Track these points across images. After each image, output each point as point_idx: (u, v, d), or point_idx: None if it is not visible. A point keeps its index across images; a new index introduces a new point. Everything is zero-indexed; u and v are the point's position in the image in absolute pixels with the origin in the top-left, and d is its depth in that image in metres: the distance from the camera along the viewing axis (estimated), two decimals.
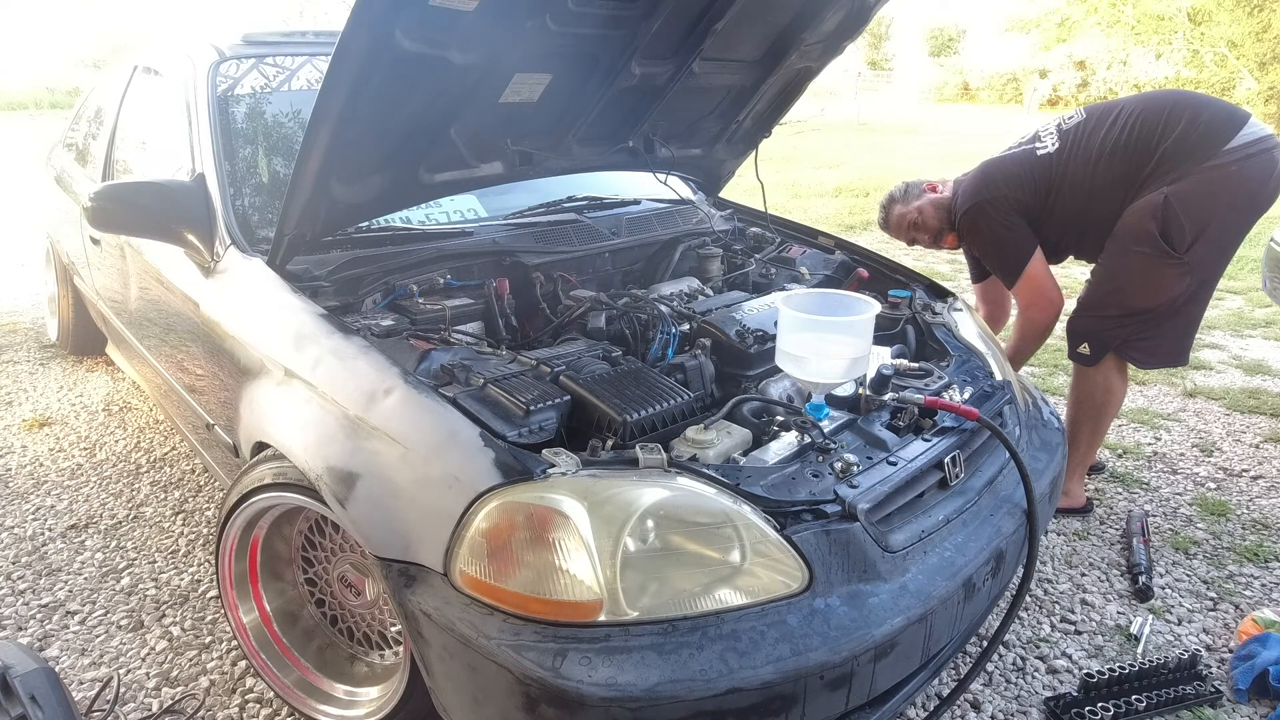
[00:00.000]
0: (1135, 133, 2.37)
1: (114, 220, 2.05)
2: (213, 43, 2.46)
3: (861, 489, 1.49)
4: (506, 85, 1.89)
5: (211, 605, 2.24)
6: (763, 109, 2.68)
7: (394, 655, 1.76)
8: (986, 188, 2.57)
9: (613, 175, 2.78)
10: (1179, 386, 3.77)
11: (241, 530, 1.81)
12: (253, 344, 1.85)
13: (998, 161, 2.62)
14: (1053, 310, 2.60)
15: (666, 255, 2.55)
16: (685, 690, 1.24)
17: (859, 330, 1.64)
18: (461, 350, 1.75)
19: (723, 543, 1.37)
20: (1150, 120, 2.36)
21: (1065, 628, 2.15)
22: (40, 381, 3.87)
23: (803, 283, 2.45)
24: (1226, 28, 18.47)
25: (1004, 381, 2.04)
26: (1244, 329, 4.65)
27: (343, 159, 1.73)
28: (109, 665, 2.03)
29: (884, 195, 2.94)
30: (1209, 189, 2.26)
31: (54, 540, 2.57)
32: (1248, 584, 2.33)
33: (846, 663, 1.32)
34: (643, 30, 1.99)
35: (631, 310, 2.03)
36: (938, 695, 1.91)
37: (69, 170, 3.65)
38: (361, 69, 1.54)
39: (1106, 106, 2.51)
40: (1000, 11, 27.24)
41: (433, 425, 1.45)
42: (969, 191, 2.62)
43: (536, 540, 1.32)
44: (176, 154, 2.36)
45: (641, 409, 1.58)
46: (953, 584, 1.50)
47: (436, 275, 2.07)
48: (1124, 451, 3.12)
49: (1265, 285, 3.63)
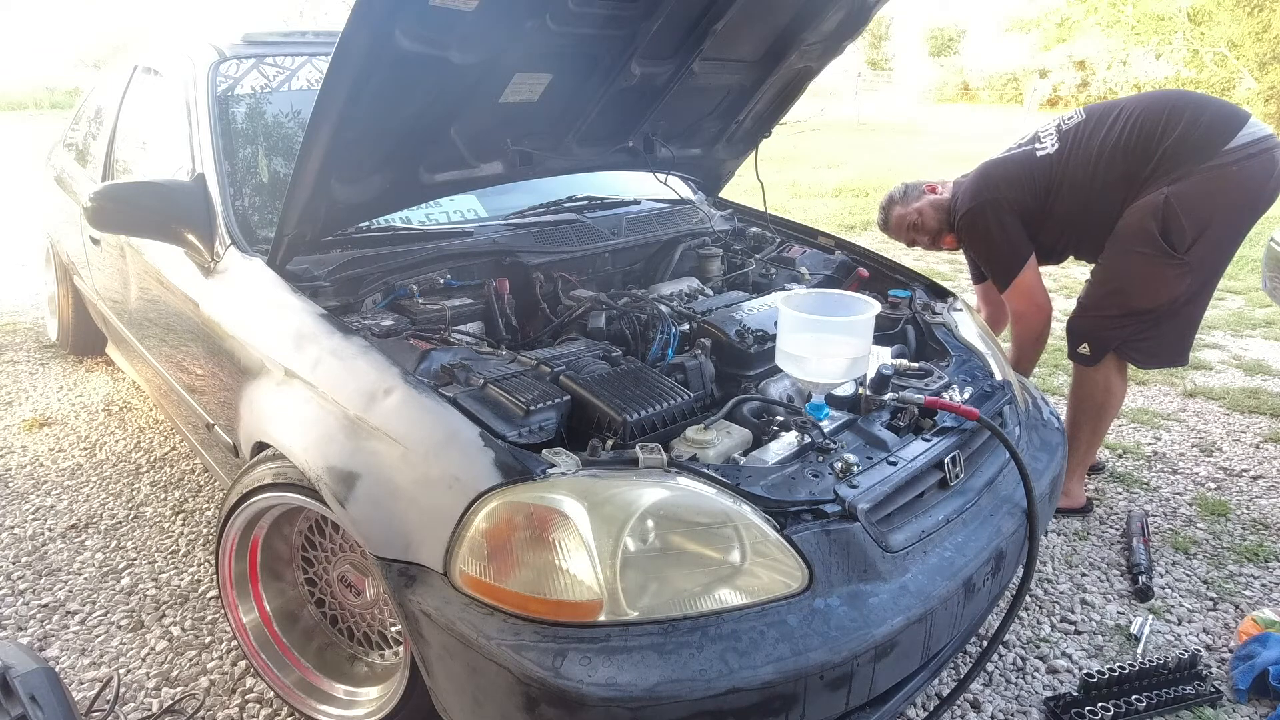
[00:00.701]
0: (1135, 133, 2.37)
1: (114, 220, 2.05)
2: (213, 43, 2.46)
3: (861, 489, 1.49)
4: (506, 85, 1.90)
5: (211, 605, 2.24)
6: (763, 109, 2.68)
7: (394, 655, 1.76)
8: (986, 190, 2.57)
9: (613, 175, 2.78)
10: (1179, 386, 3.77)
11: (241, 530, 1.81)
12: (253, 344, 1.85)
13: (997, 163, 2.62)
14: (1042, 317, 2.63)
15: (666, 255, 2.55)
16: (685, 690, 1.24)
17: (859, 330, 1.64)
18: (461, 350, 1.75)
19: (723, 543, 1.37)
20: (1150, 120, 2.35)
21: (1065, 628, 2.15)
22: (40, 381, 3.87)
23: (803, 283, 2.45)
24: (1226, 28, 18.47)
25: (1004, 381, 2.04)
26: (1244, 329, 4.65)
27: (343, 159, 1.73)
28: (109, 665, 2.03)
29: (883, 197, 2.94)
30: (1209, 189, 2.26)
31: (54, 540, 2.57)
32: (1248, 584, 2.33)
33: (846, 663, 1.32)
34: (643, 30, 1.99)
35: (631, 310, 2.02)
36: (938, 695, 1.91)
37: (69, 170, 3.65)
38: (361, 69, 1.54)
39: (1106, 107, 2.51)
40: (1000, 11, 27.25)
41: (433, 425, 1.45)
42: (968, 193, 2.62)
43: (536, 540, 1.32)
44: (176, 154, 2.36)
45: (641, 409, 1.58)
46: (953, 584, 1.50)
47: (436, 275, 2.07)
48: (1124, 451, 3.12)
49: (1265, 285, 3.63)
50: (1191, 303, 2.42)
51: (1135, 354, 2.50)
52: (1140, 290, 2.39)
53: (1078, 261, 2.75)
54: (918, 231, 2.83)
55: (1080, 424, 2.61)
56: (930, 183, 2.84)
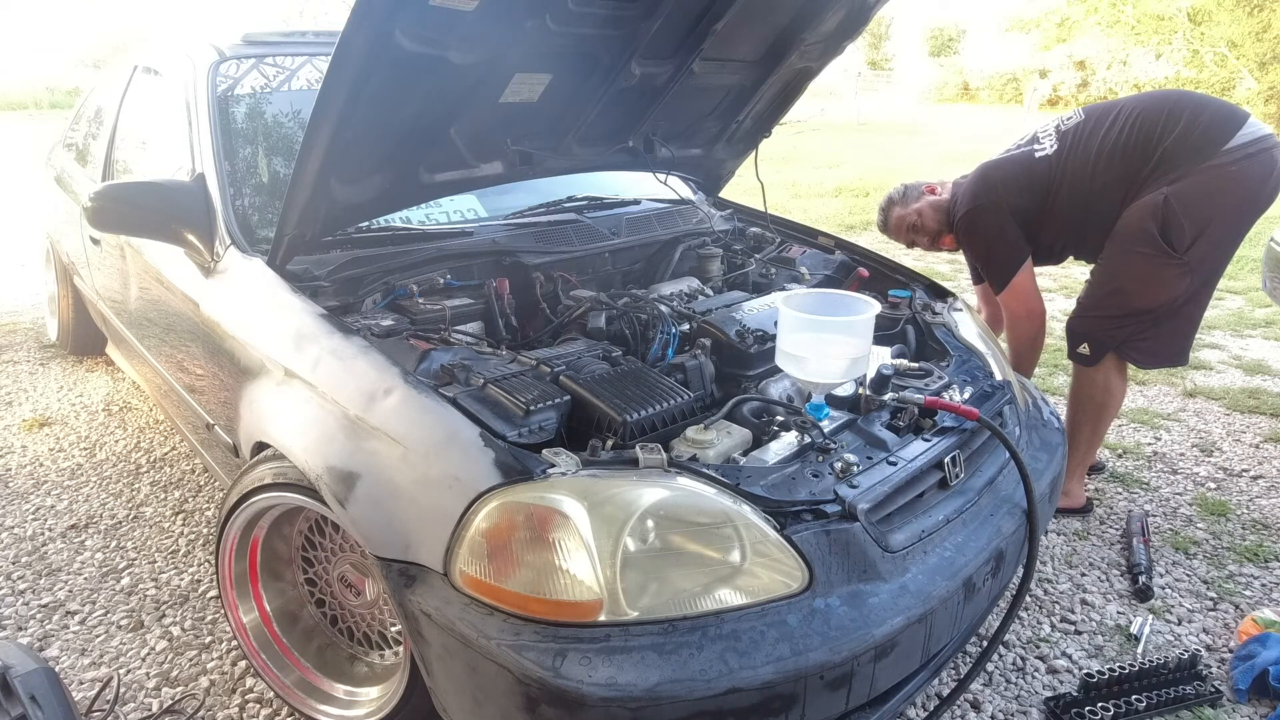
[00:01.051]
0: (1135, 133, 2.37)
1: (114, 220, 2.05)
2: (213, 43, 2.46)
3: (861, 489, 1.49)
4: (506, 85, 1.90)
5: (211, 605, 2.24)
6: (763, 109, 2.68)
7: (394, 655, 1.76)
8: (985, 192, 2.57)
9: (613, 175, 2.78)
10: (1179, 386, 3.77)
11: (241, 530, 1.81)
12: (253, 344, 1.85)
13: (996, 164, 2.63)
14: (1035, 323, 2.64)
15: (666, 255, 2.55)
16: (685, 690, 1.24)
17: (859, 330, 1.64)
18: (461, 350, 1.75)
19: (723, 543, 1.37)
20: (1150, 120, 2.36)
21: (1065, 628, 2.15)
22: (40, 381, 3.87)
23: (803, 283, 2.45)
24: (1226, 28, 18.46)
25: (1004, 381, 2.04)
26: (1244, 329, 4.65)
27: (343, 159, 1.73)
28: (109, 665, 2.03)
29: (883, 198, 2.94)
30: (1209, 189, 2.26)
31: (54, 540, 2.57)
32: (1248, 584, 2.33)
33: (846, 662, 1.32)
34: (643, 30, 1.99)
35: (631, 310, 2.02)
36: (938, 695, 1.91)
37: (69, 170, 3.65)
38: (361, 69, 1.54)
39: (1105, 107, 2.51)
40: (1000, 11, 27.24)
41: (433, 425, 1.45)
42: (967, 195, 2.62)
43: (536, 540, 1.32)
44: (176, 154, 2.36)
45: (641, 409, 1.58)
46: (953, 584, 1.50)
47: (436, 275, 2.07)
48: (1124, 451, 3.12)
49: (1265, 285, 3.62)
50: (1191, 302, 2.42)
51: (1135, 354, 2.50)
52: (1140, 290, 2.39)
53: (1077, 262, 2.75)
54: (917, 232, 2.83)
55: (1080, 424, 2.61)
56: (929, 184, 2.84)
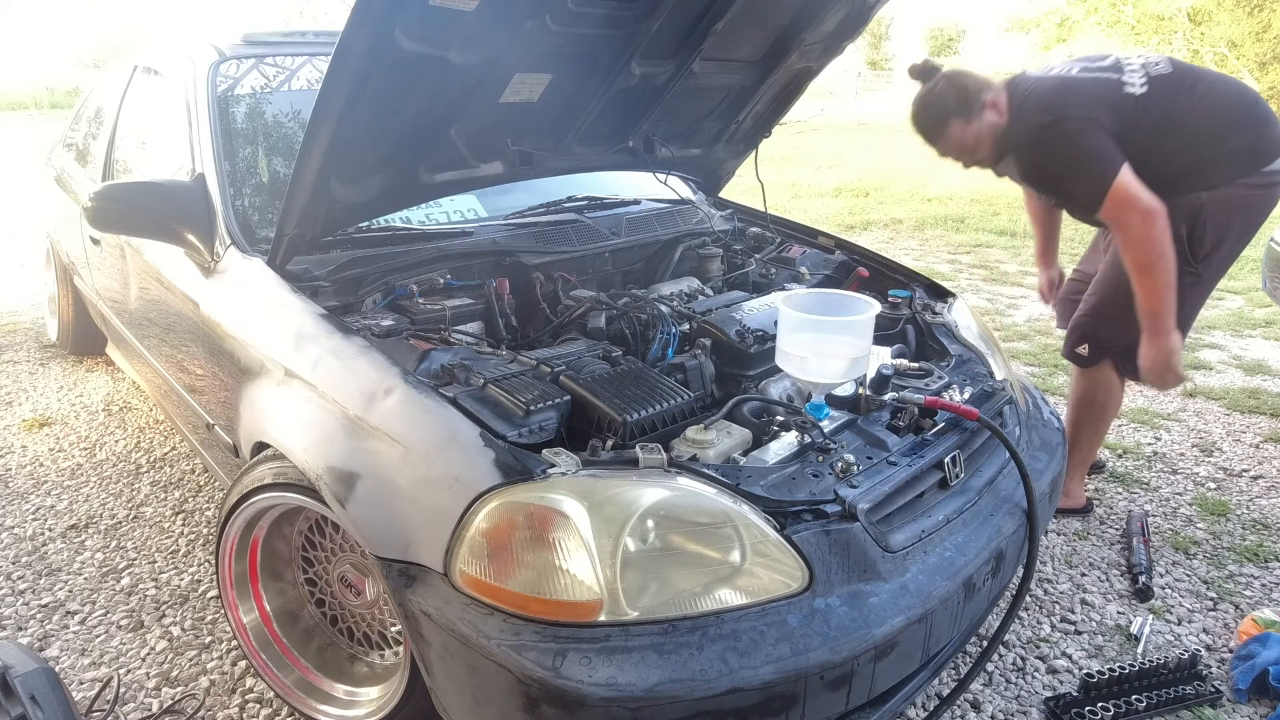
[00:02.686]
0: (1220, 111, 2.21)
1: (114, 220, 2.05)
2: (213, 43, 2.46)
3: (861, 489, 1.49)
4: (506, 85, 1.90)
5: (211, 605, 2.24)
6: (763, 109, 2.68)
7: (394, 655, 1.76)
8: (1076, 104, 2.22)
9: (613, 175, 2.78)
10: (1179, 386, 3.77)
11: (241, 530, 1.81)
12: (253, 344, 1.85)
13: (1075, 81, 2.28)
14: (1156, 220, 2.12)
15: (666, 255, 2.55)
16: (685, 690, 1.24)
17: (859, 330, 1.64)
18: (461, 350, 1.75)
19: (723, 543, 1.37)
20: (1235, 107, 2.22)
21: (1065, 628, 2.15)
22: (40, 381, 3.87)
23: (803, 283, 2.45)
24: (1226, 28, 18.46)
25: (1004, 381, 2.04)
26: (1244, 329, 4.65)
27: (343, 159, 1.73)
28: (109, 665, 2.03)
29: (926, 92, 2.37)
30: (1239, 204, 2.21)
31: (54, 540, 2.57)
32: (1248, 584, 2.33)
33: (846, 662, 1.33)
34: (643, 30, 1.99)
35: (631, 310, 2.02)
36: (938, 695, 1.91)
37: (69, 170, 3.65)
38: (361, 69, 1.54)
39: (1189, 69, 2.29)
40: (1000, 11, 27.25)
41: (433, 425, 1.45)
42: (1042, 106, 2.25)
43: (536, 540, 1.32)
44: (176, 154, 2.36)
45: (641, 409, 1.58)
46: (953, 584, 1.50)
47: (436, 275, 2.07)
48: (1124, 451, 3.12)
49: (1265, 285, 3.62)
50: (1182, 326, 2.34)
51: (1128, 365, 2.44)
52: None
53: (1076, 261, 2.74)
54: (971, 154, 2.40)
55: (1080, 424, 2.60)
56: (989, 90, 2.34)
